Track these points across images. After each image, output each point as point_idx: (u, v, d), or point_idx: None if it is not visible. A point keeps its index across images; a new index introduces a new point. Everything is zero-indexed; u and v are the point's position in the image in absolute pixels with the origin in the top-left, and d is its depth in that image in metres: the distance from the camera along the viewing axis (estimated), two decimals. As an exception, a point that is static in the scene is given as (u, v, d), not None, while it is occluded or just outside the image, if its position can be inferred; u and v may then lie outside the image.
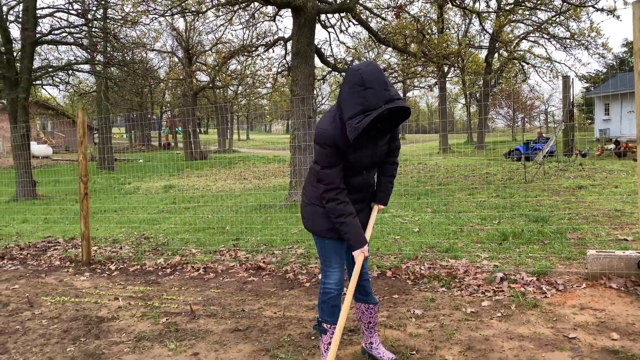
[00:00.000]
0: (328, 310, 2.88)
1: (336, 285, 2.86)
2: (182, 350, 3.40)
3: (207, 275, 5.29)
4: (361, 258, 2.72)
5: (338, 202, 2.69)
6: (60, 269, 5.86)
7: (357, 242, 2.72)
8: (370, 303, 3.07)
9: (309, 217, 2.92)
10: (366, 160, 2.77)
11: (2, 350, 3.55)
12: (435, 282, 4.49)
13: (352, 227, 2.71)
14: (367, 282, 3.07)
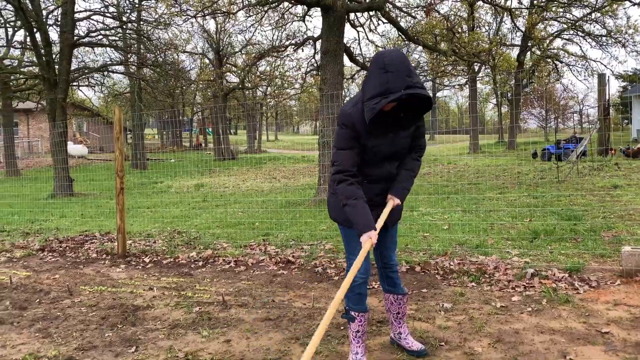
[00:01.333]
0: (354, 298, 2.88)
1: (361, 274, 2.85)
2: (215, 337, 3.49)
3: (237, 268, 5.40)
4: (368, 244, 2.62)
5: (348, 182, 2.67)
6: (97, 261, 6.07)
7: (364, 227, 2.63)
8: (399, 294, 3.08)
9: (333, 207, 2.94)
10: (385, 149, 2.75)
11: (44, 335, 3.72)
12: (464, 277, 4.48)
13: (360, 209, 2.65)
14: (395, 274, 3.08)
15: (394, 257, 3.07)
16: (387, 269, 3.07)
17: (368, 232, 2.63)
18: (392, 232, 3.06)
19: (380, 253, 3.06)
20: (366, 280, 2.91)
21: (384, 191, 2.88)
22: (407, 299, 3.15)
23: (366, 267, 2.89)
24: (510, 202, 8.59)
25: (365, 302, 2.91)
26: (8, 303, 4.49)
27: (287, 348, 3.25)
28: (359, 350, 2.86)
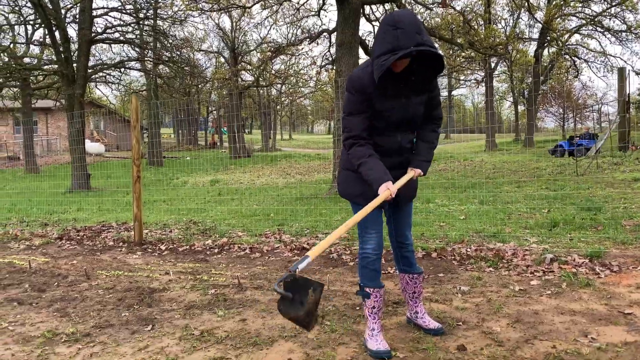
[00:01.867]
0: (368, 274, 2.82)
1: (374, 251, 2.80)
2: (231, 317, 3.49)
3: (253, 255, 5.40)
4: (386, 194, 2.49)
5: (358, 145, 2.61)
6: (114, 249, 6.13)
7: (379, 179, 2.53)
8: (414, 273, 3.02)
9: (343, 182, 2.87)
10: (397, 115, 2.65)
11: (62, 314, 3.75)
12: (482, 263, 4.42)
13: (373, 164, 2.56)
14: (411, 254, 3.02)
15: (409, 236, 3.01)
16: (403, 248, 3.01)
17: (384, 183, 2.53)
18: (407, 210, 2.99)
19: (396, 232, 3.00)
20: (380, 256, 2.84)
21: (395, 166, 2.75)
22: (422, 278, 3.09)
23: (379, 242, 2.82)
24: (528, 194, 8.47)
25: (379, 278, 2.86)
26: (27, 286, 4.55)
27: (302, 326, 3.23)
28: (375, 327, 2.82)
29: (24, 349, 3.08)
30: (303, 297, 1.85)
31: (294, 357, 2.77)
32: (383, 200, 2.51)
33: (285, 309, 1.89)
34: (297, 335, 3.09)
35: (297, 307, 1.86)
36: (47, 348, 3.07)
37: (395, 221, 2.98)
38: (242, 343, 3.01)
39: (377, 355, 2.68)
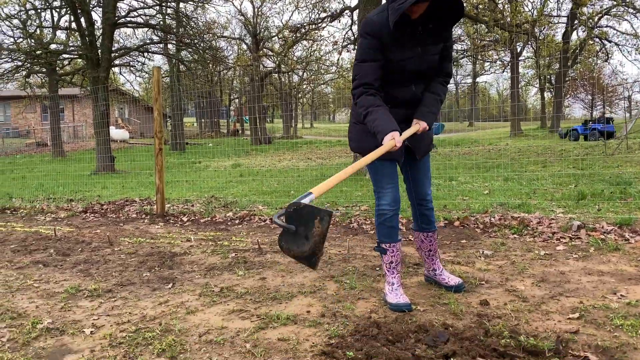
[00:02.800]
0: (385, 231, 2.75)
1: (390, 206, 2.70)
2: (251, 276, 3.49)
3: (273, 225, 5.39)
4: (390, 143, 2.38)
5: (368, 93, 2.51)
6: (136, 220, 6.20)
7: (385, 128, 2.41)
8: (429, 231, 2.94)
9: (355, 137, 2.79)
10: (412, 66, 2.54)
11: (85, 274, 3.81)
12: (505, 230, 4.32)
13: (381, 114, 2.46)
14: (431, 211, 2.93)
15: (429, 192, 2.90)
16: (423, 206, 2.91)
17: (390, 132, 2.40)
18: (424, 164, 2.87)
19: (415, 190, 2.90)
20: (397, 213, 2.75)
21: (409, 118, 2.66)
22: (437, 235, 3.00)
23: (395, 197, 2.73)
24: (555, 172, 8.27)
25: (396, 235, 2.77)
26: (52, 251, 4.63)
27: (321, 284, 3.21)
28: (394, 281, 2.77)
29: (48, 302, 3.13)
30: (308, 231, 1.63)
31: (312, 310, 2.75)
32: (388, 149, 2.39)
33: (288, 245, 1.68)
34: (315, 292, 3.07)
35: (302, 242, 1.64)
36: (70, 302, 3.12)
37: (413, 178, 2.89)
38: (262, 298, 3.00)
39: (397, 308, 2.64)
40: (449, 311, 2.61)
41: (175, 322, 2.66)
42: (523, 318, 2.46)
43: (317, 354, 2.18)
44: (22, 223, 6.34)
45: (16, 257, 4.42)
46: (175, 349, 2.30)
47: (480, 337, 2.20)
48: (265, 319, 2.63)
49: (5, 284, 3.54)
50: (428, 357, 2.05)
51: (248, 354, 2.23)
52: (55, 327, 2.68)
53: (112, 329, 2.61)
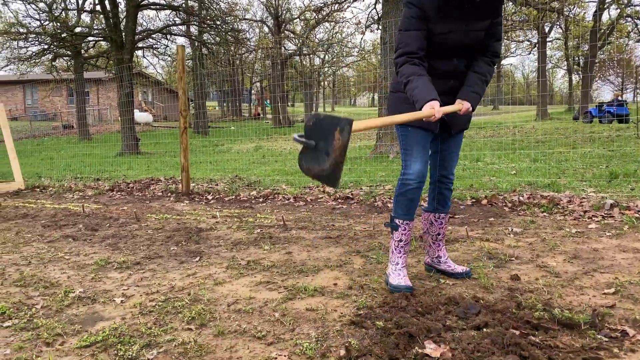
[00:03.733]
0: (404, 203, 2.61)
1: (416, 177, 2.55)
2: (276, 250, 3.49)
3: (297, 203, 5.39)
4: (429, 112, 2.28)
5: (410, 62, 2.42)
6: (162, 198, 6.27)
7: (425, 97, 2.32)
8: (442, 212, 2.80)
9: (392, 105, 2.69)
10: (455, 40, 2.46)
11: (114, 248, 3.87)
12: (535, 209, 4.23)
13: (422, 82, 2.37)
14: (449, 192, 2.80)
15: (453, 170, 2.80)
16: (444, 184, 2.79)
17: (430, 102, 2.32)
18: (456, 141, 2.76)
19: (440, 165, 2.78)
20: (421, 186, 2.62)
21: (448, 91, 2.57)
22: (448, 218, 2.87)
23: (423, 171, 2.60)
24: (584, 153, 8.07)
25: (413, 212, 2.66)
26: (81, 226, 4.71)
27: (348, 259, 3.20)
28: (400, 261, 2.64)
29: (79, 273, 3.19)
30: (328, 145, 1.51)
31: (339, 283, 2.74)
32: (425, 115, 2.30)
33: (308, 164, 1.56)
34: (342, 266, 3.05)
35: (322, 159, 1.51)
36: (100, 273, 3.17)
37: (442, 153, 2.76)
38: (288, 271, 3.00)
39: (397, 290, 2.51)
40: (478, 285, 2.57)
41: (204, 292, 2.68)
42: (556, 292, 2.40)
43: (346, 324, 2.17)
44: (52, 200, 6.48)
45: (47, 231, 4.52)
46: (204, 317, 2.32)
47: (512, 309, 2.16)
48: (292, 291, 2.63)
49: (37, 256, 3.62)
50: (460, 328, 2.02)
51: (277, 322, 2.23)
52: (87, 296, 2.73)
53: (141, 299, 2.64)
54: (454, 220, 4.11)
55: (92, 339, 2.13)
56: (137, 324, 2.29)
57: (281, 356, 1.90)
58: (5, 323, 2.37)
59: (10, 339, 2.20)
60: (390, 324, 2.07)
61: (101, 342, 2.11)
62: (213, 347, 2.02)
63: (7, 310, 2.52)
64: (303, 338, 2.05)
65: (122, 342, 2.10)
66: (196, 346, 2.02)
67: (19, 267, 3.36)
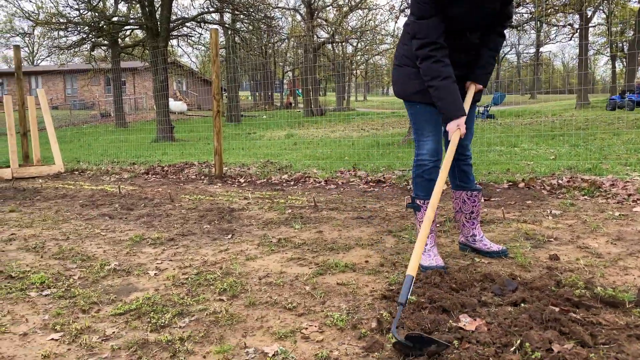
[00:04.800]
0: (422, 184, 2.56)
1: (430, 157, 2.51)
2: (307, 230, 3.48)
3: (328, 186, 5.37)
4: (457, 135, 2.30)
5: (434, 59, 2.32)
6: (196, 181, 6.35)
7: (452, 111, 2.31)
8: (473, 190, 2.71)
9: (398, 80, 2.59)
10: (470, 20, 2.36)
11: (148, 226, 3.93)
12: (575, 192, 4.08)
13: (448, 92, 2.31)
14: (470, 167, 2.72)
15: (469, 146, 2.70)
16: (462, 161, 2.69)
17: (457, 119, 2.31)
18: (469, 117, 2.61)
19: None
20: (437, 165, 2.56)
21: (461, 65, 2.49)
22: (481, 196, 2.76)
23: (437, 148, 2.53)
24: (628, 140, 7.74)
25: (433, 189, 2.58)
26: (117, 205, 4.82)
27: (379, 238, 3.15)
28: (428, 242, 2.57)
29: (114, 248, 3.26)
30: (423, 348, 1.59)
31: (371, 260, 2.70)
32: (456, 144, 2.33)
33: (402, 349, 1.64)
34: (373, 244, 3.01)
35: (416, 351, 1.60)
36: (135, 248, 3.22)
37: None
38: (319, 248, 2.99)
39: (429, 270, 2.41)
40: (515, 264, 2.49)
41: (236, 266, 2.69)
42: (598, 272, 2.30)
43: (378, 298, 2.13)
44: (89, 182, 6.65)
45: (84, 210, 4.63)
46: (236, 289, 2.33)
47: (551, 287, 2.08)
48: (323, 267, 2.61)
49: (75, 232, 3.72)
50: (495, 304, 1.96)
51: (307, 295, 2.21)
52: (122, 268, 2.78)
53: (174, 272, 2.67)
54: (490, 203, 4.00)
55: (126, 308, 2.17)
56: (170, 295, 2.31)
57: (312, 326, 1.88)
58: (44, 292, 2.44)
59: (49, 306, 2.26)
60: (424, 299, 2.02)
61: (135, 311, 2.14)
62: (244, 317, 2.02)
63: (46, 280, 2.59)
64: (334, 310, 2.03)
65: (155, 310, 2.12)
66: (227, 315, 2.03)
67: (57, 241, 3.45)
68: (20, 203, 5.11)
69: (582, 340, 1.61)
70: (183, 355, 1.71)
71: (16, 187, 6.28)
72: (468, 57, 2.51)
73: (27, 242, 3.43)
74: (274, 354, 1.68)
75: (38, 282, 2.56)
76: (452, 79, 2.34)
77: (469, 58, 2.52)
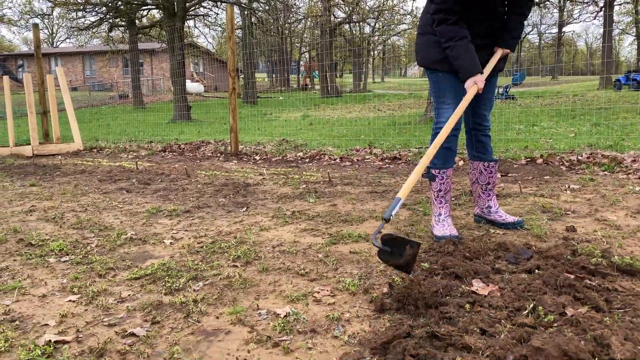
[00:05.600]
0: (442, 153, 2.51)
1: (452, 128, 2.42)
2: (321, 203, 3.48)
3: (343, 163, 5.35)
4: (473, 90, 2.28)
5: (449, 22, 2.31)
6: (212, 158, 6.39)
7: (469, 69, 2.31)
8: (490, 160, 2.67)
9: (421, 48, 2.56)
10: None
11: (165, 199, 3.98)
12: (595, 167, 4.00)
13: (464, 51, 2.30)
14: (488, 139, 2.67)
15: (488, 117, 2.65)
16: (480, 131, 2.65)
17: (473, 76, 2.30)
18: (491, 84, 2.60)
19: (473, 111, 2.63)
20: (456, 134, 2.53)
21: (488, 33, 2.45)
22: (498, 167, 2.73)
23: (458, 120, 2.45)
24: (651, 118, 7.55)
25: (452, 161, 2.56)
26: (134, 180, 4.88)
27: (394, 210, 3.14)
28: (442, 211, 2.56)
29: (131, 219, 3.30)
30: (401, 251, 1.78)
31: (384, 231, 2.69)
32: (471, 97, 2.30)
33: (385, 258, 1.85)
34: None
35: (396, 257, 1.80)
36: (151, 219, 3.26)
37: (476, 96, 2.52)
38: (332, 220, 2.99)
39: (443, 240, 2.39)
40: (531, 234, 2.46)
41: (250, 236, 2.71)
42: (616, 243, 2.26)
43: (390, 265, 2.13)
44: (108, 159, 6.73)
45: (102, 185, 4.70)
46: (249, 256, 2.35)
47: (567, 256, 2.05)
48: (336, 237, 2.61)
49: (93, 204, 3.78)
50: (509, 271, 1.94)
51: (320, 263, 2.22)
52: (138, 237, 2.82)
53: (190, 241, 2.70)
54: (507, 178, 3.95)
55: (141, 273, 2.20)
56: (185, 261, 2.34)
57: (324, 291, 1.89)
58: (62, 258, 2.49)
59: (67, 271, 2.30)
60: (436, 266, 2.02)
61: (150, 275, 2.18)
62: (257, 281, 2.04)
63: (64, 247, 2.64)
64: (346, 276, 2.04)
65: (169, 275, 2.15)
66: (241, 280, 2.05)
67: (76, 213, 3.51)
68: (40, 178, 5.20)
69: (596, 305, 1.59)
70: (196, 315, 1.74)
71: (36, 164, 6.39)
72: (493, 25, 2.47)
73: (47, 213, 3.50)
74: (286, 315, 1.69)
75: (57, 249, 2.61)
76: (468, 39, 2.34)
77: (494, 26, 2.48)
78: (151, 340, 1.58)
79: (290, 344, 1.51)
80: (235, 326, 1.65)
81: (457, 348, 1.40)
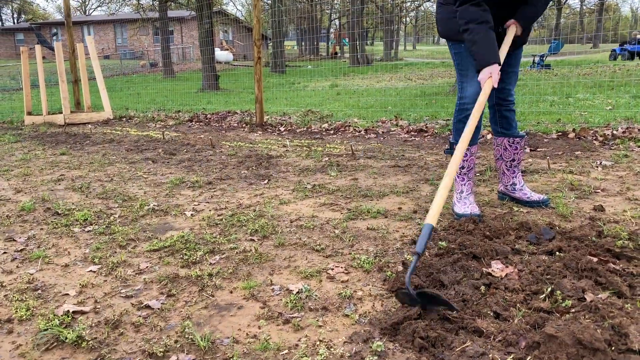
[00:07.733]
0: (463, 130, 2.35)
1: (473, 101, 2.34)
2: (343, 177, 3.45)
3: (368, 136, 5.28)
4: (489, 85, 2.15)
5: (473, 2, 2.17)
6: (237, 129, 6.40)
7: (485, 57, 2.16)
8: (516, 136, 2.56)
9: (443, 19, 2.45)
10: None
11: (189, 170, 4.01)
12: (630, 143, 3.83)
13: (484, 36, 2.15)
14: (512, 114, 2.56)
15: (512, 91, 2.53)
16: (503, 106, 2.54)
17: (489, 66, 2.14)
18: (515, 57, 2.49)
19: (498, 85, 2.44)
20: None
21: (506, 18, 2.33)
22: (524, 143, 2.60)
23: (479, 91, 2.30)
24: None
25: (476, 136, 2.46)
26: (160, 150, 4.94)
27: (415, 186, 3.09)
28: (465, 189, 2.49)
29: (154, 190, 3.35)
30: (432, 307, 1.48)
31: (404, 207, 2.65)
32: (488, 93, 2.15)
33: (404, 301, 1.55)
34: (408, 192, 2.96)
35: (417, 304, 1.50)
36: (174, 190, 3.30)
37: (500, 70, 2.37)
38: (353, 194, 2.96)
39: None
40: (556, 214, 2.38)
41: (269, 209, 2.72)
42: (646, 224, 2.17)
43: (407, 243, 2.11)
44: (136, 129, 6.83)
45: (129, 154, 4.77)
46: (267, 230, 2.35)
47: (592, 237, 1.98)
48: (355, 212, 2.59)
49: (119, 174, 3.85)
50: (530, 252, 1.89)
51: (337, 238, 2.21)
52: (160, 209, 2.86)
53: (210, 213, 2.73)
54: (535, 153, 3.83)
55: (160, 245, 2.24)
56: (204, 234, 2.37)
57: (338, 267, 1.88)
58: (87, 228, 2.55)
59: (90, 241, 2.36)
60: (454, 245, 1.98)
61: (169, 248, 2.21)
62: (272, 256, 2.04)
63: (89, 217, 2.70)
64: (361, 253, 2.02)
65: (187, 248, 2.18)
66: (256, 254, 2.06)
67: (102, 183, 3.58)
68: (70, 147, 5.32)
69: (619, 291, 1.53)
70: (210, 289, 1.76)
71: (68, 132, 6.54)
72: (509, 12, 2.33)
73: (74, 183, 3.59)
74: (298, 292, 1.69)
75: (82, 219, 2.68)
76: (490, 24, 2.19)
77: (512, 12, 2.34)
78: (165, 313, 1.61)
79: (301, 321, 1.51)
80: (248, 301, 1.67)
81: (468, 331, 1.37)
